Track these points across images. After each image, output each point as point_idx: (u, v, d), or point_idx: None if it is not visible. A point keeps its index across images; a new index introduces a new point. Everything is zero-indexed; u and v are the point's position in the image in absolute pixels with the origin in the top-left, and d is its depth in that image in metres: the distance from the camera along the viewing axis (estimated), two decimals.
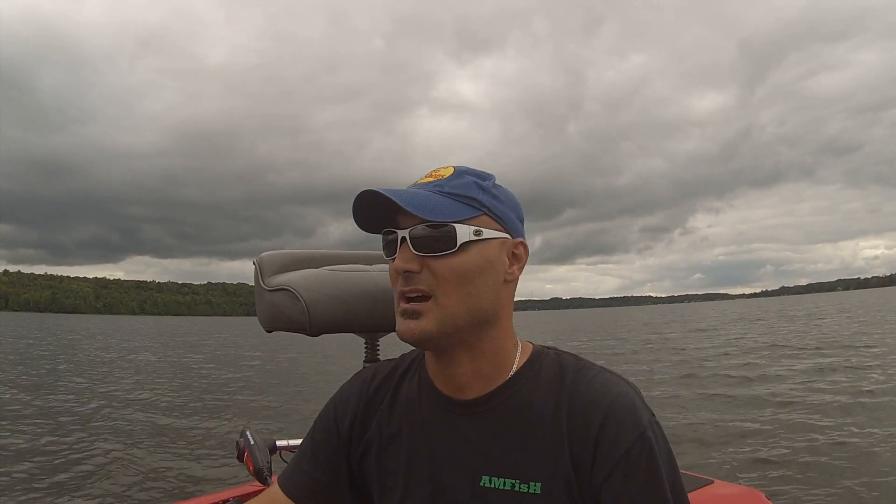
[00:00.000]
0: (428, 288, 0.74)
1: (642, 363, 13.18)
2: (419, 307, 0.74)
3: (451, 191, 0.76)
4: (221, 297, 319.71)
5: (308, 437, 0.91)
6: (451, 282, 0.74)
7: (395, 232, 0.76)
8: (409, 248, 0.75)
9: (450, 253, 0.74)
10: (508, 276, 0.79)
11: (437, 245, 0.74)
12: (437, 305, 0.74)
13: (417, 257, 0.74)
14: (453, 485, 0.78)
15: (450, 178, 0.78)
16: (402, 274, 0.75)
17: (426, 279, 0.74)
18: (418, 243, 0.74)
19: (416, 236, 0.74)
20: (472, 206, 0.76)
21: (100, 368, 14.87)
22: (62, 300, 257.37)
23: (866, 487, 4.23)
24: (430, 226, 0.74)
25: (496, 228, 0.77)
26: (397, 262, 0.75)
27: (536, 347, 0.84)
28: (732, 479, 4.28)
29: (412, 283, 0.75)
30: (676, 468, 0.74)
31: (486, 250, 0.76)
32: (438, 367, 0.81)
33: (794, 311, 43.38)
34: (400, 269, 0.75)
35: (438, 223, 0.74)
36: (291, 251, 1.31)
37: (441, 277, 0.74)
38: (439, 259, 0.74)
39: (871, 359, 11.39)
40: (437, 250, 0.74)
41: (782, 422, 6.42)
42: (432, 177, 0.79)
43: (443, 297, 0.74)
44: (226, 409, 8.71)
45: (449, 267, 0.74)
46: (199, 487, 4.77)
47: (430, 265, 0.74)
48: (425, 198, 0.75)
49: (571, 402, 0.75)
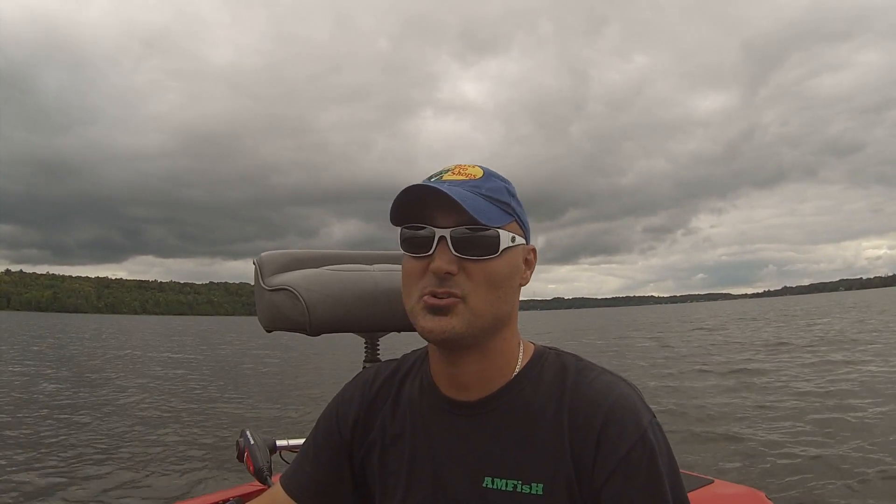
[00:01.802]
0: (461, 290, 0.73)
1: (641, 362, 13.19)
2: (450, 304, 0.73)
3: (488, 194, 0.75)
4: (223, 296, 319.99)
5: (310, 438, 0.91)
6: (484, 286, 0.74)
7: (429, 228, 0.74)
8: (450, 248, 0.73)
9: (490, 258, 0.73)
10: (523, 280, 0.80)
11: (479, 249, 0.73)
12: (468, 307, 0.73)
13: (456, 258, 0.73)
14: (455, 485, 0.78)
15: (483, 179, 0.77)
16: (439, 275, 0.73)
17: (461, 282, 0.73)
18: (459, 245, 0.73)
19: (458, 237, 0.73)
20: (507, 211, 0.76)
21: (99, 368, 14.89)
22: (64, 300, 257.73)
23: (867, 487, 4.22)
24: (472, 228, 0.73)
25: (520, 235, 0.78)
26: (438, 263, 0.72)
27: (538, 348, 0.84)
28: (733, 478, 4.27)
29: (446, 285, 0.73)
30: (677, 469, 0.74)
31: (514, 256, 0.77)
32: (444, 368, 0.80)
33: (795, 310, 43.36)
34: (441, 270, 0.72)
35: (483, 227, 0.73)
36: (291, 251, 1.31)
37: (476, 281, 0.73)
38: (478, 263, 0.73)
39: (872, 356, 11.40)
40: (479, 254, 0.73)
41: (783, 421, 6.41)
42: (461, 175, 0.77)
43: (474, 299, 0.73)
44: (226, 408, 8.72)
45: (486, 271, 0.73)
46: (199, 487, 4.77)
47: (466, 268, 0.73)
48: (471, 198, 0.73)
49: (573, 402, 0.75)
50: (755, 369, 10.84)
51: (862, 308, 39.67)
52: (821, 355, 12.40)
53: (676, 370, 11.40)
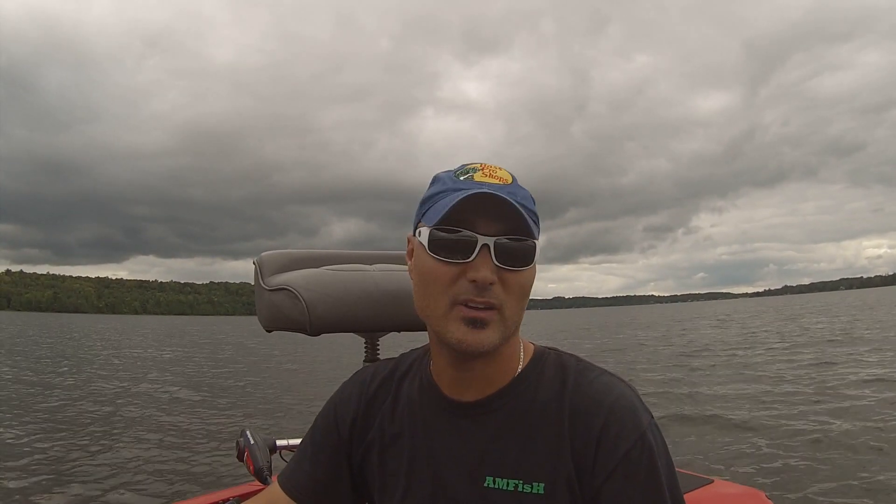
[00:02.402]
0: (497, 301, 0.72)
1: (640, 361, 13.19)
2: (488, 316, 0.72)
3: (522, 202, 0.74)
4: (224, 296, 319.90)
5: (308, 437, 0.91)
6: (517, 296, 0.74)
7: (470, 233, 0.72)
8: (492, 257, 0.71)
9: (526, 268, 0.74)
10: None
11: (518, 260, 0.73)
12: (503, 318, 0.73)
13: (496, 269, 0.72)
14: (455, 485, 0.78)
15: (513, 185, 0.76)
16: (483, 285, 0.71)
17: (497, 292, 0.72)
18: (502, 255, 0.72)
19: (501, 246, 0.72)
20: (535, 221, 0.76)
21: (99, 367, 14.89)
22: (64, 300, 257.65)
23: (867, 486, 4.22)
24: (513, 238, 0.72)
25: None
26: (485, 273, 0.71)
27: (538, 348, 0.84)
28: (732, 478, 4.27)
29: (486, 295, 0.71)
30: (674, 469, 0.75)
31: (535, 266, 0.77)
32: (452, 370, 0.80)
33: (797, 309, 43.35)
34: (487, 280, 0.71)
35: (523, 238, 0.72)
36: (291, 251, 1.31)
37: (511, 291, 0.73)
38: (515, 273, 0.73)
39: (872, 353, 11.40)
40: (518, 265, 0.73)
41: (783, 421, 6.40)
42: (494, 178, 0.76)
43: (508, 310, 0.73)
44: (226, 408, 8.72)
45: (520, 282, 0.74)
46: (199, 487, 4.77)
47: (504, 278, 0.72)
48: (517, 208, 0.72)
49: (574, 402, 0.76)
50: (755, 367, 10.84)
51: (863, 308, 39.63)
52: (821, 354, 12.41)
53: (677, 368, 11.40)
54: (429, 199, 0.77)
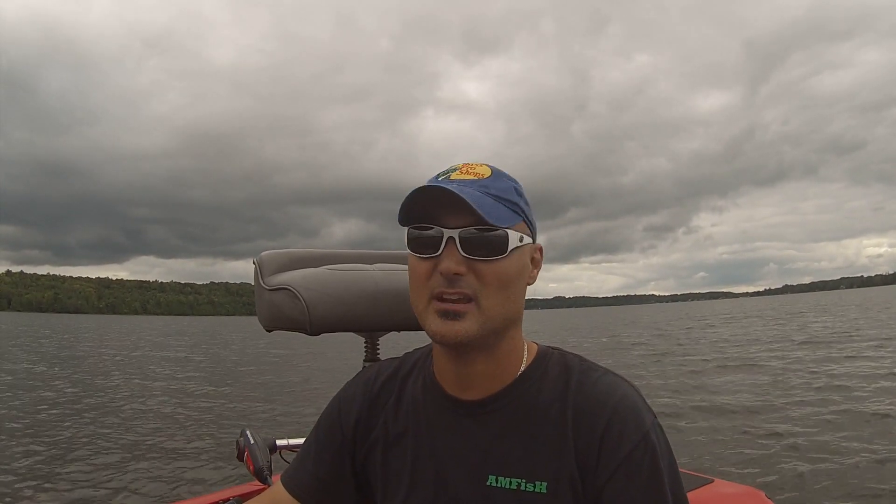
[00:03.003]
0: (472, 291, 0.73)
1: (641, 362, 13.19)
2: (462, 308, 0.73)
3: (497, 193, 0.75)
4: (224, 296, 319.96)
5: (311, 436, 0.91)
6: (494, 286, 0.73)
7: (437, 228, 0.74)
8: (458, 250, 0.72)
9: (500, 258, 0.73)
10: (530, 280, 0.80)
11: (488, 250, 0.73)
12: (480, 309, 0.73)
13: (465, 259, 0.73)
14: (458, 484, 0.78)
15: (491, 178, 0.77)
16: (448, 276, 0.73)
17: (470, 282, 0.73)
18: (468, 246, 0.73)
19: (466, 237, 0.73)
20: (515, 211, 0.76)
21: (98, 367, 14.89)
22: (64, 300, 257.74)
23: (867, 486, 4.22)
24: (481, 229, 0.72)
25: (528, 234, 0.78)
26: (447, 264, 0.72)
27: (542, 348, 0.84)
28: (733, 478, 4.27)
29: (456, 286, 0.73)
30: (677, 469, 0.75)
31: (522, 256, 0.77)
32: (451, 368, 0.80)
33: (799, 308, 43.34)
34: (450, 271, 0.72)
35: (492, 227, 0.72)
36: (291, 250, 1.30)
37: (486, 282, 0.73)
38: (487, 263, 0.73)
39: (873, 350, 11.40)
40: (488, 255, 0.73)
41: (783, 421, 6.41)
42: (469, 174, 0.77)
43: (486, 301, 0.73)
44: (226, 408, 8.72)
45: (495, 272, 0.73)
46: (199, 487, 4.77)
47: (476, 269, 0.73)
48: (480, 199, 0.72)
49: (577, 402, 0.76)
50: (754, 367, 10.84)
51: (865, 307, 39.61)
52: (822, 352, 12.41)
53: (676, 369, 11.40)
54: None
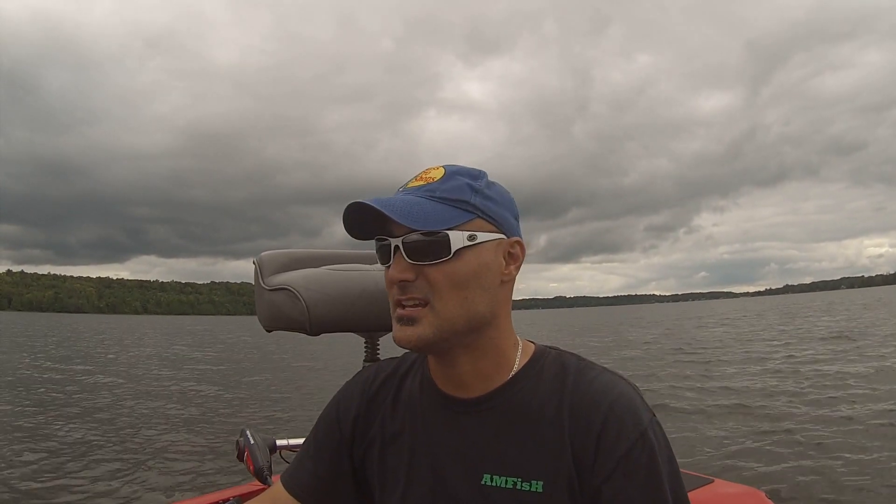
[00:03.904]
0: (423, 295, 0.74)
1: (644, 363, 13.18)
2: (415, 313, 0.74)
3: (442, 195, 0.75)
4: (225, 296, 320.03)
5: (311, 436, 0.91)
6: (446, 288, 0.74)
7: (387, 239, 0.76)
8: (403, 256, 0.74)
9: (444, 260, 0.73)
10: (505, 276, 0.78)
11: (431, 253, 0.73)
12: (434, 311, 0.74)
13: (412, 266, 0.74)
14: (455, 483, 0.78)
15: (441, 180, 0.76)
16: (395, 283, 0.75)
17: (421, 287, 0.74)
18: (412, 251, 0.74)
19: (409, 244, 0.74)
20: (465, 209, 0.75)
21: (98, 367, 14.89)
22: (65, 300, 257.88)
23: (867, 486, 4.22)
24: (423, 233, 0.73)
25: (490, 230, 0.77)
26: (392, 272, 0.75)
27: (538, 347, 0.84)
28: (733, 478, 4.27)
29: (408, 292, 0.74)
30: (677, 468, 0.74)
31: (481, 254, 0.75)
32: (440, 368, 0.81)
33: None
34: (395, 278, 0.74)
35: (430, 231, 0.73)
36: (291, 251, 1.31)
37: (436, 285, 0.73)
38: (434, 266, 0.73)
39: (875, 349, 11.39)
40: (432, 258, 0.73)
41: (783, 421, 6.40)
42: (422, 180, 0.78)
43: (439, 303, 0.74)
44: (226, 408, 8.72)
45: (444, 274, 0.73)
46: (200, 487, 4.78)
47: (425, 273, 0.74)
48: (416, 205, 0.73)
49: (573, 401, 0.76)
50: (754, 367, 10.83)
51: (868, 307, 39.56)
52: (821, 352, 12.40)
53: (677, 369, 11.40)
54: None
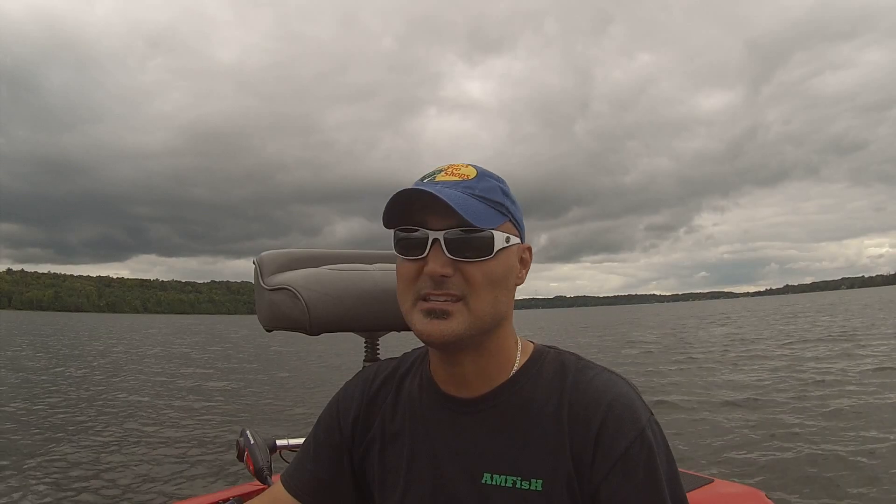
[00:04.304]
0: (460, 292, 0.73)
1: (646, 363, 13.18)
2: (449, 307, 0.73)
3: (482, 194, 0.75)
4: (225, 295, 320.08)
5: (311, 436, 0.92)
6: (483, 287, 0.74)
7: (422, 231, 0.74)
8: (443, 251, 0.73)
9: (486, 259, 0.74)
10: (518, 280, 0.80)
11: (473, 251, 0.73)
12: (468, 309, 0.74)
13: (451, 261, 0.73)
14: (454, 482, 0.78)
15: (476, 179, 0.77)
16: (434, 278, 0.73)
17: (458, 283, 0.73)
18: (453, 247, 0.73)
19: (451, 239, 0.73)
20: (501, 212, 0.76)
21: (98, 367, 14.90)
22: (65, 299, 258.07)
23: (866, 486, 4.22)
24: (466, 230, 0.73)
25: (515, 234, 0.78)
26: (433, 266, 0.73)
27: (538, 346, 0.84)
28: (732, 478, 4.27)
29: (444, 288, 0.73)
30: (675, 467, 0.75)
31: (509, 257, 0.77)
32: (443, 366, 0.81)
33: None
34: (436, 273, 0.73)
35: (476, 228, 0.73)
36: (291, 250, 1.30)
37: (473, 282, 0.74)
38: (474, 264, 0.73)
39: (874, 349, 11.38)
40: (474, 256, 0.73)
41: (783, 421, 6.40)
42: (454, 175, 0.77)
43: (474, 300, 0.74)
44: (226, 408, 8.72)
45: (482, 272, 0.74)
46: (200, 487, 4.78)
47: (463, 270, 0.73)
48: (464, 200, 0.73)
49: (573, 400, 0.76)
50: (754, 367, 10.83)
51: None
52: (821, 351, 12.40)
53: (676, 369, 11.40)
54: None
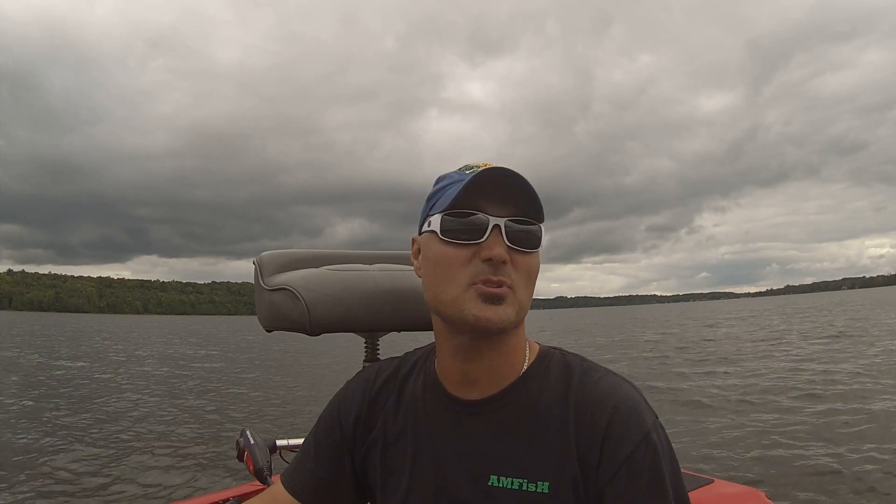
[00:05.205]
0: (511, 280, 0.75)
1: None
2: (505, 293, 0.74)
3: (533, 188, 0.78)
4: (225, 296, 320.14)
5: (311, 436, 0.91)
6: (526, 278, 0.76)
7: (481, 215, 0.75)
8: (503, 238, 0.74)
9: (533, 252, 0.76)
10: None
11: (526, 242, 0.76)
12: (516, 298, 0.75)
13: (508, 248, 0.75)
14: (459, 484, 0.78)
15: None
16: (496, 263, 0.74)
17: (509, 272, 0.75)
18: (513, 236, 0.75)
19: (512, 228, 0.75)
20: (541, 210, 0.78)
21: (98, 367, 14.90)
22: (66, 299, 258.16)
23: (867, 487, 4.22)
24: (521, 220, 0.76)
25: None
26: (498, 251, 0.73)
27: (543, 347, 0.84)
28: (732, 478, 4.27)
29: (501, 274, 0.74)
30: (679, 470, 0.75)
31: (540, 255, 0.79)
32: (457, 364, 0.80)
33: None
34: (501, 258, 0.73)
35: (532, 220, 0.76)
36: (291, 251, 1.30)
37: (521, 272, 0.76)
38: (524, 255, 0.76)
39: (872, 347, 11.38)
40: (526, 246, 0.76)
41: (783, 421, 6.40)
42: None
43: (520, 290, 0.76)
44: (226, 408, 8.72)
45: (528, 264, 0.76)
46: (200, 487, 4.78)
47: (514, 259, 0.75)
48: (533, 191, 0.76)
49: (579, 401, 0.76)
50: (754, 367, 10.83)
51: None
52: (821, 352, 12.39)
53: (675, 368, 11.40)
54: (436, 193, 0.81)
